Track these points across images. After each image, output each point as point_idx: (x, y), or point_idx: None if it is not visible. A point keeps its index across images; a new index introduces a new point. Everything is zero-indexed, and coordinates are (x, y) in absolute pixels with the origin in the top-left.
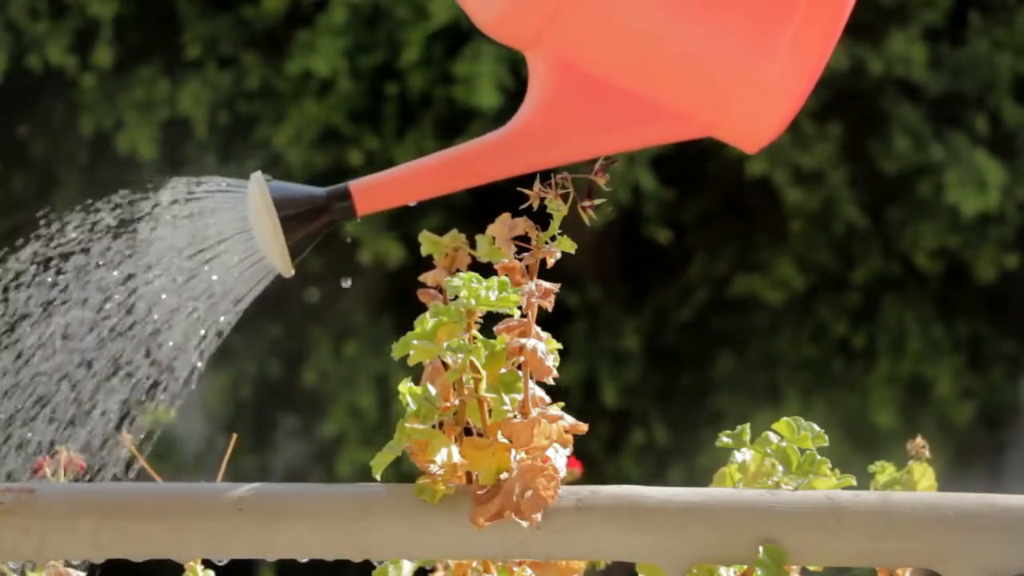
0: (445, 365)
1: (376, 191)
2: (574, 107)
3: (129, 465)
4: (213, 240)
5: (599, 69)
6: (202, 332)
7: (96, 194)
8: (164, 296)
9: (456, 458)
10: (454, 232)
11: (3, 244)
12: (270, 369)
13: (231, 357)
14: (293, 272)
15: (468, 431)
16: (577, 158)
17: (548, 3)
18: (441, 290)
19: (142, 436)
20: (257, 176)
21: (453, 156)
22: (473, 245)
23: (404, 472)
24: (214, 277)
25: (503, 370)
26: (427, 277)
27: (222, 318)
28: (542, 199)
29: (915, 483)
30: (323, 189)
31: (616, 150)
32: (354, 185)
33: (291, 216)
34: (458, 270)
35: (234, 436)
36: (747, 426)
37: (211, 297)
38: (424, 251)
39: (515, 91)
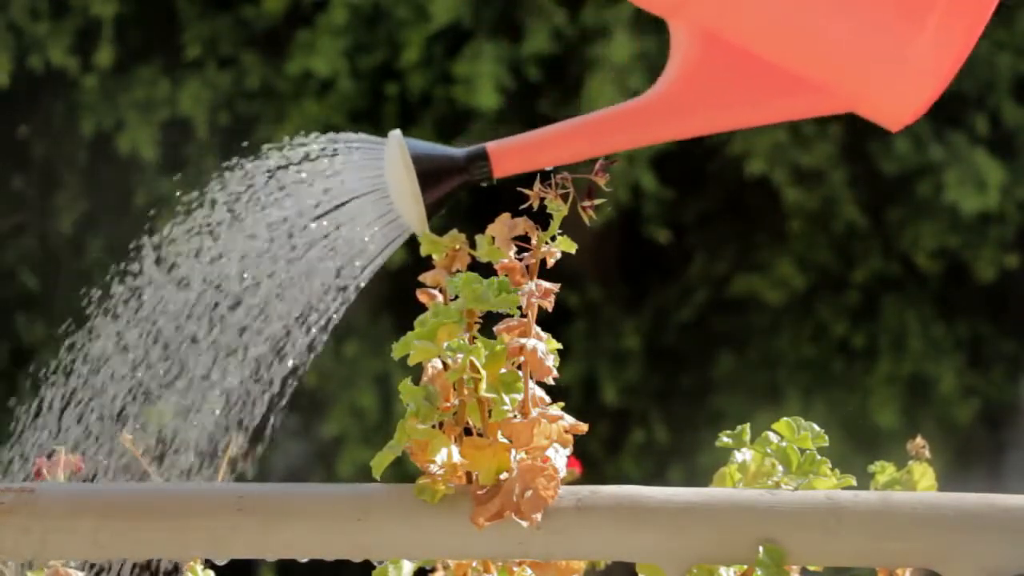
0: (445, 365)
1: (513, 153)
2: (715, 77)
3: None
4: (347, 197)
5: (742, 38)
6: (330, 292)
7: (97, 194)
8: (298, 253)
9: (456, 458)
10: (454, 232)
11: (3, 244)
12: None
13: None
14: (427, 230)
15: (468, 431)
16: (716, 129)
17: None
18: (441, 290)
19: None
20: (396, 134)
21: (592, 121)
22: (473, 245)
23: (405, 472)
24: (348, 234)
25: (503, 370)
26: (427, 277)
27: (352, 277)
28: (542, 199)
29: (915, 483)
30: (461, 150)
31: (755, 122)
32: (491, 147)
33: (430, 175)
34: (458, 270)
35: (232, 437)
36: (747, 426)
37: (342, 255)
38: (423, 251)
39: (515, 91)
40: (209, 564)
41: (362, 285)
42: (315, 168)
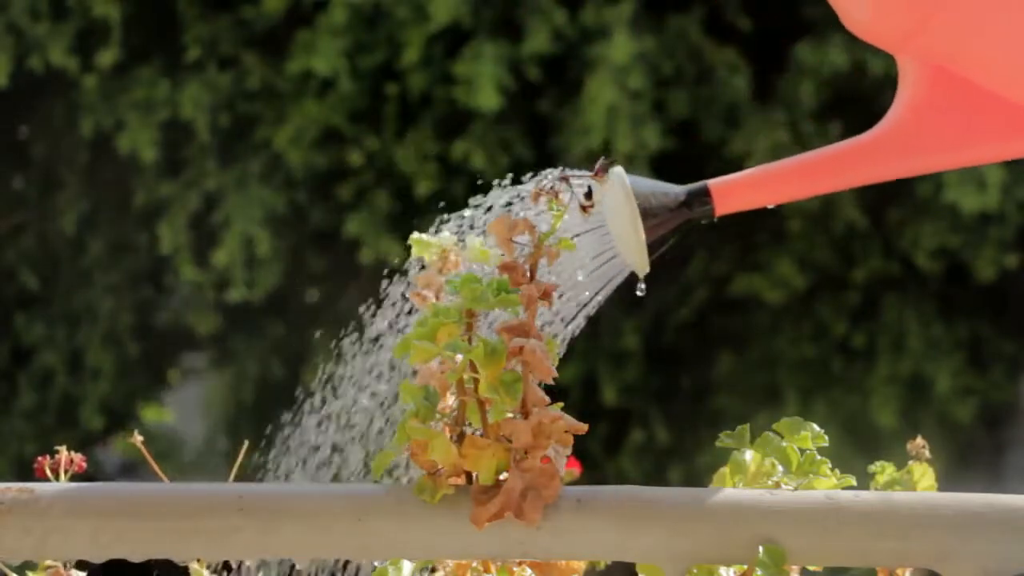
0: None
1: (736, 191)
2: (946, 113)
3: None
4: (567, 235)
5: (974, 73)
6: (553, 331)
7: (96, 194)
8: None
9: (456, 458)
10: (445, 234)
11: (4, 243)
12: (272, 370)
13: (233, 358)
14: (648, 270)
15: (468, 431)
16: (946, 166)
17: (921, 8)
18: (434, 291)
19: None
20: (619, 171)
21: (817, 159)
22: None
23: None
24: (573, 274)
25: (503, 370)
26: (419, 278)
27: (571, 317)
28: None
29: (915, 483)
30: (682, 187)
31: (988, 160)
32: (713, 184)
33: (651, 213)
34: (450, 271)
35: (245, 442)
36: (747, 426)
37: (562, 294)
38: (414, 253)
39: (515, 92)
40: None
41: (577, 330)
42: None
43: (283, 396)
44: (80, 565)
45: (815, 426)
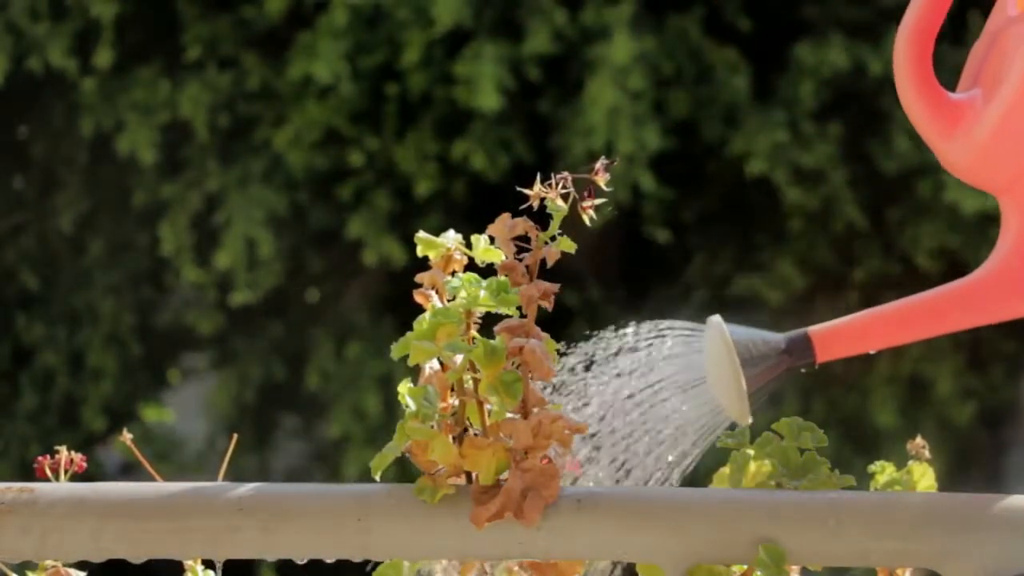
0: (444, 365)
1: (837, 339)
2: None
3: None
4: (668, 384)
5: None
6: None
7: (96, 194)
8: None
9: (456, 458)
10: (450, 232)
11: (4, 243)
12: (273, 370)
13: (234, 358)
14: (750, 420)
15: (468, 431)
16: None
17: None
18: (437, 291)
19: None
20: (717, 320)
21: (919, 306)
22: (470, 246)
23: (408, 473)
24: (669, 422)
25: (503, 370)
26: (423, 278)
27: (674, 467)
28: (542, 199)
29: (915, 483)
30: (782, 335)
31: None
32: (815, 332)
33: (752, 362)
34: (454, 271)
35: (235, 436)
36: (747, 426)
37: (662, 445)
38: (420, 252)
39: (516, 92)
40: (209, 564)
41: (679, 478)
42: (638, 358)
43: (284, 397)
44: (80, 565)
45: (815, 426)
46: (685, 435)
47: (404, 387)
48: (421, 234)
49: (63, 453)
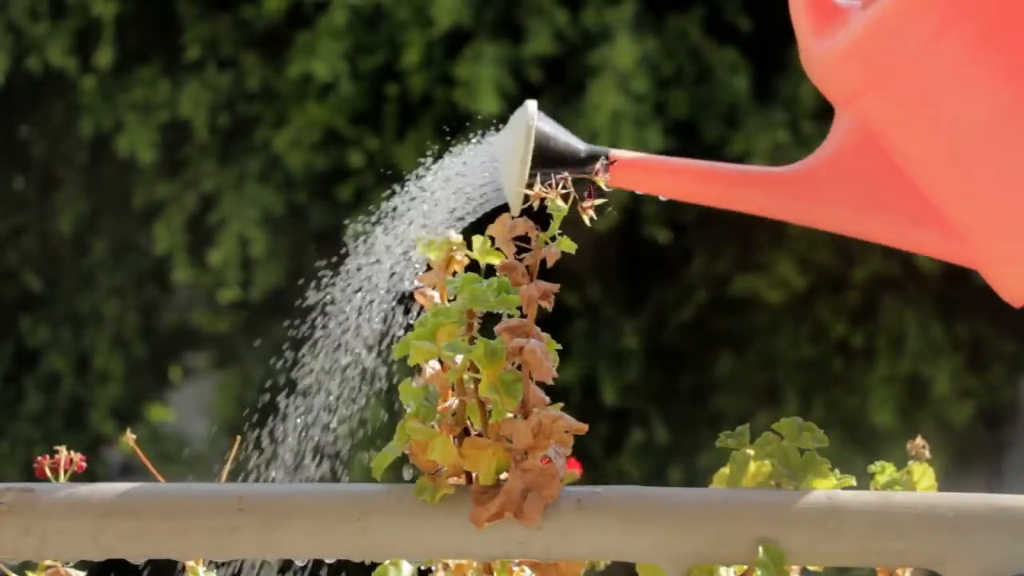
0: (444, 365)
1: (634, 168)
2: (857, 178)
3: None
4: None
5: (898, 155)
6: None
7: (97, 194)
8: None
9: (456, 458)
10: (450, 233)
11: (5, 245)
12: (274, 370)
13: (235, 358)
14: (518, 212)
15: (468, 431)
16: (833, 228)
17: (873, 72)
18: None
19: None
20: (533, 104)
21: (722, 170)
22: (470, 246)
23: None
24: (453, 190)
25: (503, 370)
26: (424, 278)
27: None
28: (542, 199)
29: (915, 483)
30: (586, 145)
31: (876, 239)
32: (616, 153)
33: (546, 154)
34: (455, 272)
35: (237, 438)
36: (747, 426)
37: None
38: (419, 253)
39: (515, 95)
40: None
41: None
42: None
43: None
44: (80, 565)
45: (815, 426)
46: (468, 201)
47: (404, 387)
48: (421, 236)
49: (63, 453)
